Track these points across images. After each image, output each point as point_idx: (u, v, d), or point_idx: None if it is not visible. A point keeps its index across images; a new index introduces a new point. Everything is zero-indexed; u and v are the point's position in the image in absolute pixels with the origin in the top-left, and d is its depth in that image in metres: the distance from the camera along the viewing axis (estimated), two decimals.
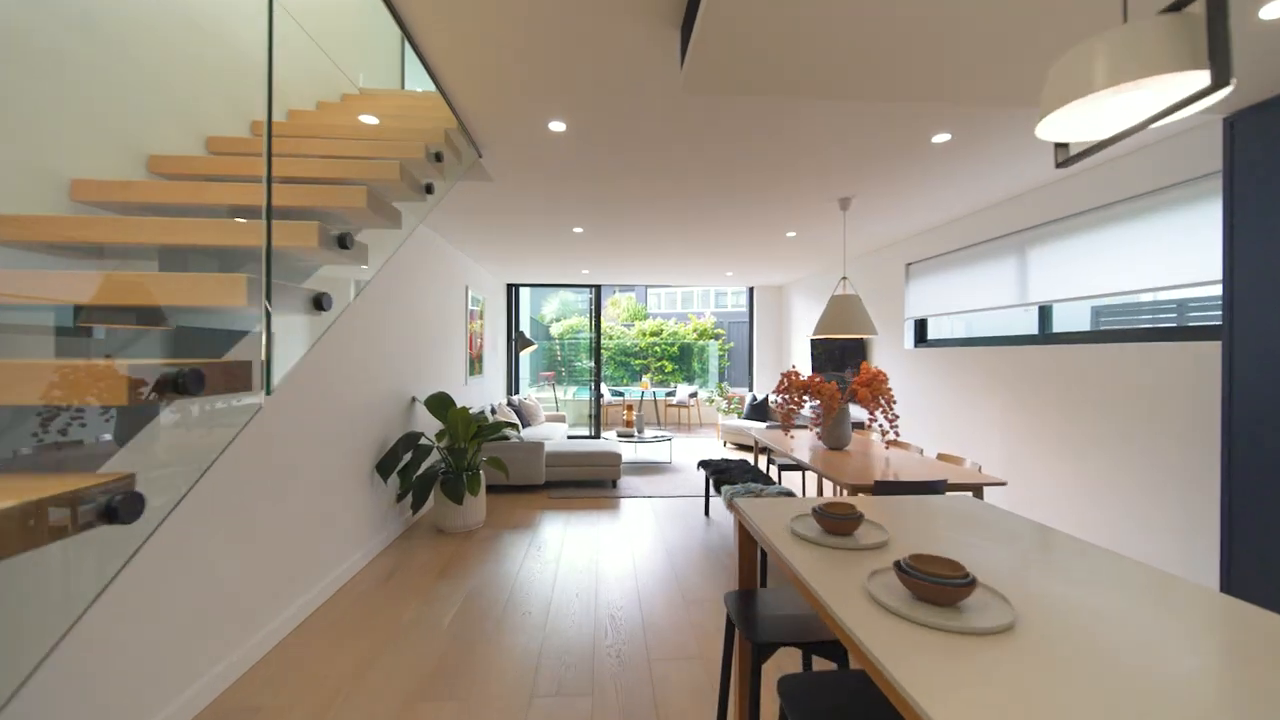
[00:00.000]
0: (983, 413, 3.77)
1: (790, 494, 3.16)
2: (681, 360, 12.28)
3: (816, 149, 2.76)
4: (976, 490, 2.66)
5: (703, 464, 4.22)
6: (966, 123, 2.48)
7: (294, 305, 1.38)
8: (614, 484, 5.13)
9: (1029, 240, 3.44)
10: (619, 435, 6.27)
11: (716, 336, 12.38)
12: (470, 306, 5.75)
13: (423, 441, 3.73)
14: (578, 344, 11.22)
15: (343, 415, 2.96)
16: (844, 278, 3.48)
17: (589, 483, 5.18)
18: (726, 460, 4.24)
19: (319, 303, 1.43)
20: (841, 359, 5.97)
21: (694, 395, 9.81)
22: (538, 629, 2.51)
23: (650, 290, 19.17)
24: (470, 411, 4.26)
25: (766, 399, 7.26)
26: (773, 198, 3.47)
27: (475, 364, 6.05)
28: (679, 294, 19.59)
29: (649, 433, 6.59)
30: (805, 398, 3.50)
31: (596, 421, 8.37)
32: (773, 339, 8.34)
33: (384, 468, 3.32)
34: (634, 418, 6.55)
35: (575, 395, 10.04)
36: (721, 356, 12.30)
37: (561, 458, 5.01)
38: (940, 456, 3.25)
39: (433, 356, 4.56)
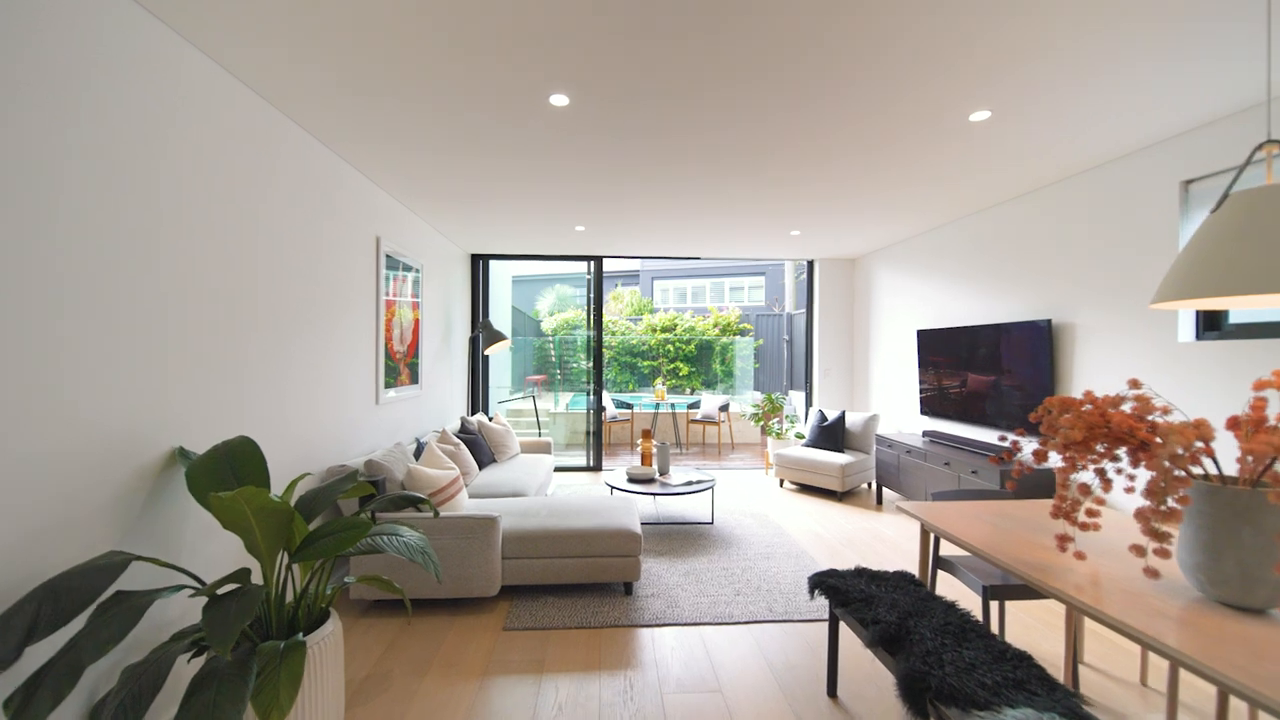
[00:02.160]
0: None
1: None
2: (699, 361, 10.04)
3: None
4: None
5: (824, 588, 1.97)
6: None
7: None
8: (628, 588, 2.88)
9: None
10: (630, 480, 4.01)
11: (743, 332, 10.12)
12: (389, 278, 3.50)
13: (123, 589, 1.49)
14: (573, 341, 8.99)
15: None
16: (1271, 142, 1.27)
17: (584, 588, 2.93)
18: (870, 575, 1.99)
19: None
20: (985, 359, 3.71)
21: (725, 409, 7.52)
22: None
23: (657, 282, 17.22)
24: (340, 471, 2.01)
25: (843, 419, 5.01)
26: None
27: (402, 369, 3.80)
28: (689, 288, 17.71)
29: (677, 471, 4.35)
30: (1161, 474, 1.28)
31: (598, 444, 6.11)
32: (840, 331, 6.10)
33: None
34: (652, 450, 4.31)
35: (569, 407, 7.80)
36: (752, 357, 10.06)
37: (533, 541, 2.74)
38: None
39: (286, 357, 2.32)
